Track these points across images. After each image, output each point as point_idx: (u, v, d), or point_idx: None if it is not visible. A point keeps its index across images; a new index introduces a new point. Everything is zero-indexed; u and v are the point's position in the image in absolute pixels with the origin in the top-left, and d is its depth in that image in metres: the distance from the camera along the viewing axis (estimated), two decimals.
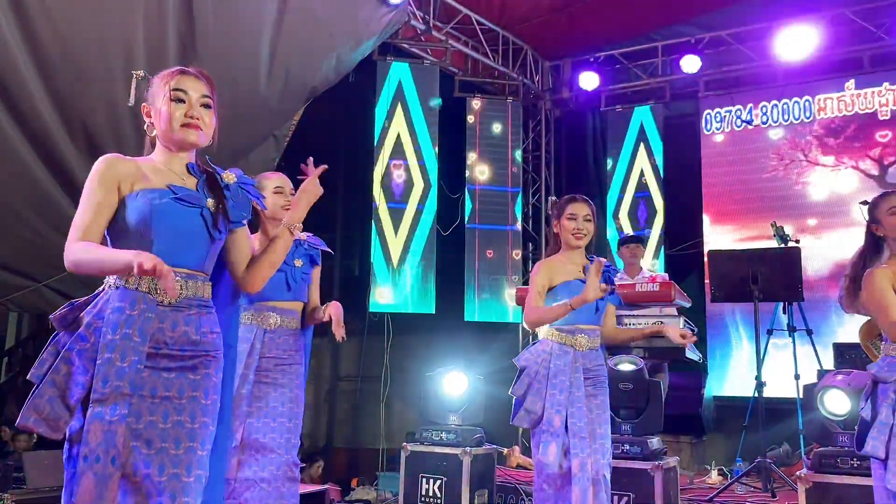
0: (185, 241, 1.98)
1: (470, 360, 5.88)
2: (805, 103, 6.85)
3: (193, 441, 1.91)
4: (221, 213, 2.03)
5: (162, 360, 1.92)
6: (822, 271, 6.50)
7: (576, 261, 3.24)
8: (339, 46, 5.85)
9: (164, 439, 1.87)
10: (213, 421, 1.97)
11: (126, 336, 1.87)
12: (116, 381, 1.83)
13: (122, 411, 1.82)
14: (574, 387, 3.11)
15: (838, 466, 3.63)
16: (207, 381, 1.98)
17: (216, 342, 2.02)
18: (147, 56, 4.75)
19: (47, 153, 4.75)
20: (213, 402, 1.98)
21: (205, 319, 2.00)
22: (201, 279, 2.01)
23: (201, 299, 2.01)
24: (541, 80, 8.01)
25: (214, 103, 2.07)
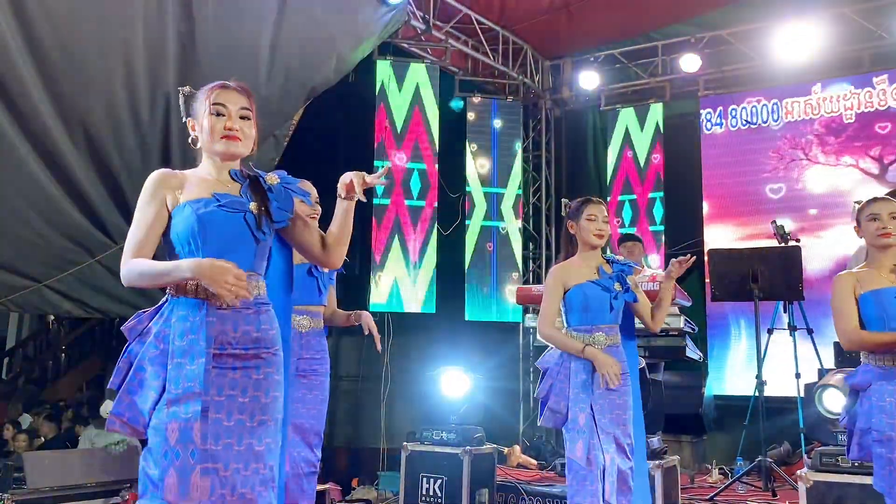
0: (232, 245, 2.09)
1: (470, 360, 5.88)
2: (805, 102, 6.84)
3: (252, 437, 2.03)
4: (264, 214, 2.14)
5: (227, 360, 2.05)
6: (823, 270, 6.50)
7: (591, 262, 3.29)
8: (339, 46, 5.84)
9: (228, 436, 2.00)
10: (272, 417, 2.08)
11: (192, 341, 2.03)
12: (187, 383, 2.00)
13: (195, 409, 1.98)
14: (595, 385, 3.15)
15: (839, 465, 3.63)
16: (269, 379, 2.10)
17: (275, 338, 2.14)
18: (147, 57, 4.75)
19: (47, 153, 4.75)
20: (274, 399, 2.10)
21: (263, 317, 2.13)
22: (254, 279, 2.13)
23: (257, 298, 2.13)
24: (541, 79, 8.01)
25: (254, 114, 2.20)
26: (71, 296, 5.84)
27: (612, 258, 3.38)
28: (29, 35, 4.26)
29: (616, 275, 3.27)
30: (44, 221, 5.09)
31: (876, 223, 2.83)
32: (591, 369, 3.17)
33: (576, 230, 3.31)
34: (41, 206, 4.98)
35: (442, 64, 7.02)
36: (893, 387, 2.63)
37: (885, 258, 2.82)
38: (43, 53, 4.37)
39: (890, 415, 2.60)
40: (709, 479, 5.30)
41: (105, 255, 5.58)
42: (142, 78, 4.80)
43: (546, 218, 7.90)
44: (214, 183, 2.15)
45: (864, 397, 2.72)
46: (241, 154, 2.19)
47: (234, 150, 2.16)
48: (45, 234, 5.16)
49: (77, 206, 5.12)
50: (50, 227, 5.16)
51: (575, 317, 3.26)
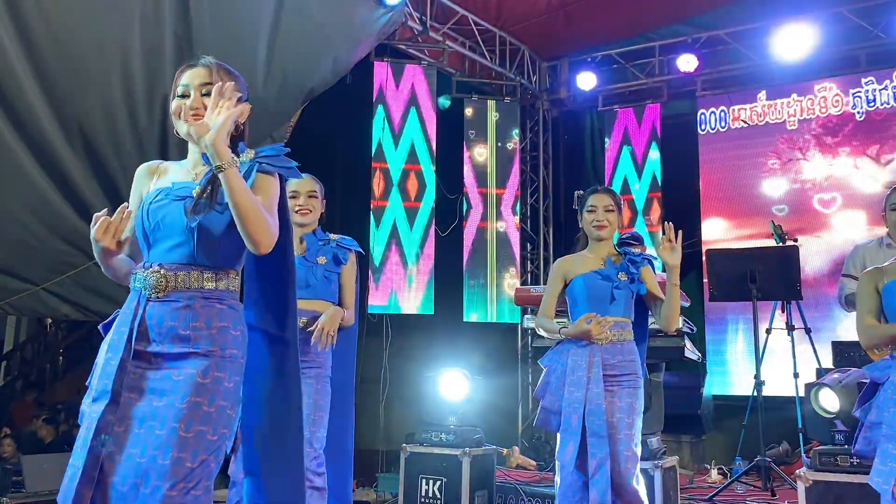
0: (169, 235, 1.91)
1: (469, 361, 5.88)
2: (802, 102, 6.85)
3: (156, 449, 1.75)
4: (207, 196, 1.90)
5: (153, 359, 1.85)
6: (821, 270, 6.51)
7: (600, 253, 3.19)
8: (336, 47, 5.84)
9: (134, 445, 1.77)
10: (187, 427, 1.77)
11: (121, 334, 1.87)
12: (105, 379, 1.83)
13: (100, 408, 1.79)
14: (592, 383, 3.00)
15: (838, 465, 3.63)
16: (188, 382, 1.81)
17: (213, 338, 1.86)
18: (143, 58, 4.75)
19: (44, 155, 4.75)
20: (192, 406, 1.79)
21: (198, 313, 1.87)
22: (197, 270, 1.90)
23: (196, 290, 1.88)
24: (538, 80, 8.01)
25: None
26: (69, 299, 5.83)
27: (627, 250, 3.23)
28: (26, 37, 4.26)
29: (623, 264, 3.12)
30: (41, 224, 5.08)
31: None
32: (587, 366, 3.02)
33: (581, 222, 3.23)
34: (38, 208, 4.97)
35: (439, 65, 7.02)
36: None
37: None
38: (40, 56, 4.37)
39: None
40: (708, 479, 5.30)
41: None
42: (139, 80, 4.80)
43: (544, 219, 7.90)
44: (186, 171, 2.02)
45: (881, 390, 2.61)
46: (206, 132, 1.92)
47: (199, 130, 1.89)
48: (43, 236, 5.15)
49: (74, 208, 5.12)
50: (47, 230, 5.15)
51: (577, 310, 3.14)
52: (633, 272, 3.13)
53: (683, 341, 4.84)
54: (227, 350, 1.88)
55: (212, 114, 1.86)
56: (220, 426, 1.81)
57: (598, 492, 2.90)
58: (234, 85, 1.95)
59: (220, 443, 1.82)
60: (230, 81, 1.96)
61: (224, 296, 1.92)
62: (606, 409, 3.00)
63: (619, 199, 3.27)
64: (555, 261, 3.38)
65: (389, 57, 6.80)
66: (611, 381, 3.05)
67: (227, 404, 1.84)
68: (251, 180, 1.93)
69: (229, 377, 1.86)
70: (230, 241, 1.92)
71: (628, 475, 2.95)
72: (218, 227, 1.90)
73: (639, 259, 3.18)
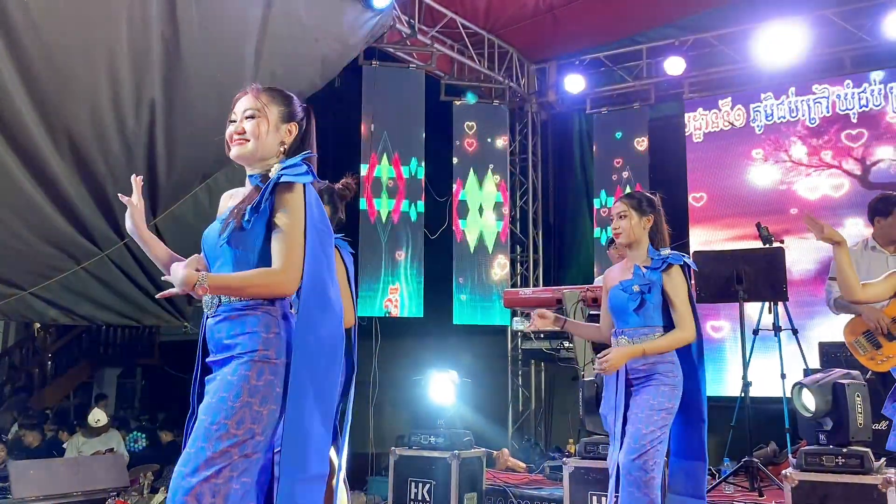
0: (212, 257, 2.11)
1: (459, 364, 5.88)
2: (788, 104, 6.90)
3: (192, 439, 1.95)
4: (234, 218, 2.04)
5: (209, 369, 2.07)
6: (807, 271, 6.55)
7: (632, 260, 3.22)
8: (324, 51, 5.85)
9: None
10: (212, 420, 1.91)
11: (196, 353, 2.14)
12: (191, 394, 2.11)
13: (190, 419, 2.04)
14: (619, 389, 3.11)
15: (823, 465, 3.66)
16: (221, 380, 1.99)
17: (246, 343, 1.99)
18: (131, 62, 4.74)
19: (31, 160, 4.73)
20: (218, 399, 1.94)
21: (235, 322, 2.02)
22: None
23: (230, 303, 2.02)
24: (526, 82, 8.03)
25: (267, 112, 2.12)
26: (57, 303, 5.81)
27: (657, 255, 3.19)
28: (12, 42, 4.25)
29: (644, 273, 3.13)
30: (28, 229, 5.06)
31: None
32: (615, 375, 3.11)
33: None
34: (25, 213, 4.95)
35: (428, 68, 7.04)
36: None
37: None
38: (26, 61, 4.35)
39: None
40: None
41: (91, 263, 5.56)
42: (126, 84, 4.79)
43: (533, 221, 7.92)
44: (241, 195, 2.16)
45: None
46: (248, 155, 2.11)
47: (240, 153, 2.11)
48: (30, 241, 5.13)
49: (62, 213, 5.10)
50: (35, 235, 5.14)
51: (613, 319, 3.24)
52: (648, 281, 3.11)
53: None
54: (258, 352, 1.98)
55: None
56: (246, 421, 1.91)
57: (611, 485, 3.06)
58: None
59: (247, 437, 1.90)
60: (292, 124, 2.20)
61: (257, 304, 2.02)
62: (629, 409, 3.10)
63: (639, 200, 3.25)
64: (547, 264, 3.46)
65: (378, 60, 6.81)
66: (633, 384, 3.13)
67: (254, 401, 1.93)
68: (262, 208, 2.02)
69: (258, 376, 1.96)
70: (255, 256, 2.04)
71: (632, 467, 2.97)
72: (246, 244, 2.03)
73: (660, 264, 3.14)
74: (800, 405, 3.87)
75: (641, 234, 3.21)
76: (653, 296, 3.11)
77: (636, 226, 3.19)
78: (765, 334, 5.33)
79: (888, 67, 6.54)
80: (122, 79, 4.76)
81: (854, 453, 3.55)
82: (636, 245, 3.21)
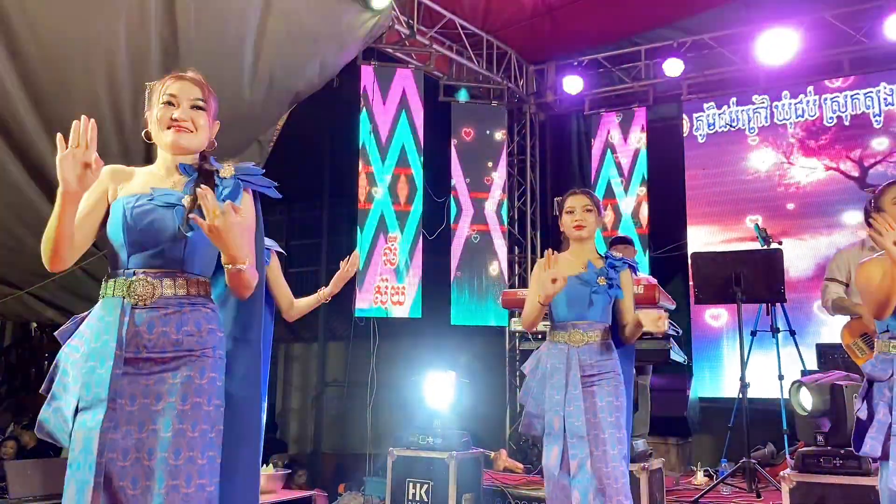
0: (156, 241, 1.97)
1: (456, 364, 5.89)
2: (786, 106, 6.91)
3: (164, 451, 1.82)
4: (198, 207, 1.93)
5: (143, 365, 1.90)
6: (805, 273, 6.56)
7: (582, 256, 3.20)
8: (323, 51, 5.84)
9: (138, 449, 1.84)
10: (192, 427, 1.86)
11: (105, 342, 1.90)
12: (96, 388, 1.86)
13: (99, 417, 1.83)
14: (570, 385, 3.02)
15: (821, 466, 3.67)
16: (189, 384, 1.89)
17: (203, 341, 1.95)
18: (129, 62, 4.73)
19: (28, 159, 4.73)
20: (194, 407, 1.88)
21: (187, 317, 1.94)
22: (183, 277, 1.98)
23: (183, 297, 1.96)
24: (525, 83, 8.04)
25: (209, 106, 2.10)
26: (53, 303, 5.80)
27: (608, 254, 3.27)
28: (10, 40, 4.24)
29: (603, 269, 3.15)
30: (25, 227, 5.05)
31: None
32: (566, 368, 3.05)
33: (562, 225, 3.26)
34: (22, 211, 4.94)
35: (426, 69, 7.04)
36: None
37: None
38: (24, 59, 4.35)
39: None
40: (694, 480, 5.33)
41: (88, 262, 5.54)
42: (125, 83, 4.78)
43: (531, 222, 7.93)
44: (160, 178, 2.07)
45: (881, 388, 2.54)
46: (191, 147, 2.06)
47: (181, 142, 2.04)
48: (27, 240, 5.12)
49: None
50: (31, 234, 5.12)
51: (556, 311, 3.18)
52: (613, 277, 3.16)
53: (669, 344, 4.87)
54: (217, 351, 1.98)
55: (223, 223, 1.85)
56: (217, 423, 1.92)
57: (580, 492, 2.92)
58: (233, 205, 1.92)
59: (218, 439, 1.92)
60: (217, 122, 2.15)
61: (206, 300, 2.02)
62: (587, 409, 3.02)
63: (598, 200, 3.30)
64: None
65: (377, 60, 6.80)
66: (589, 381, 3.06)
67: (220, 402, 1.95)
68: (239, 199, 2.02)
69: (220, 376, 1.97)
70: (212, 252, 2.02)
71: (616, 473, 2.94)
72: (203, 239, 1.95)
73: (619, 263, 3.20)
74: (796, 403, 3.89)
75: (595, 232, 3.26)
76: (616, 293, 3.17)
77: (596, 222, 3.24)
78: (762, 335, 5.34)
79: (886, 70, 6.56)
80: (120, 78, 4.75)
81: (852, 455, 3.55)
82: (588, 242, 3.24)
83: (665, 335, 4.84)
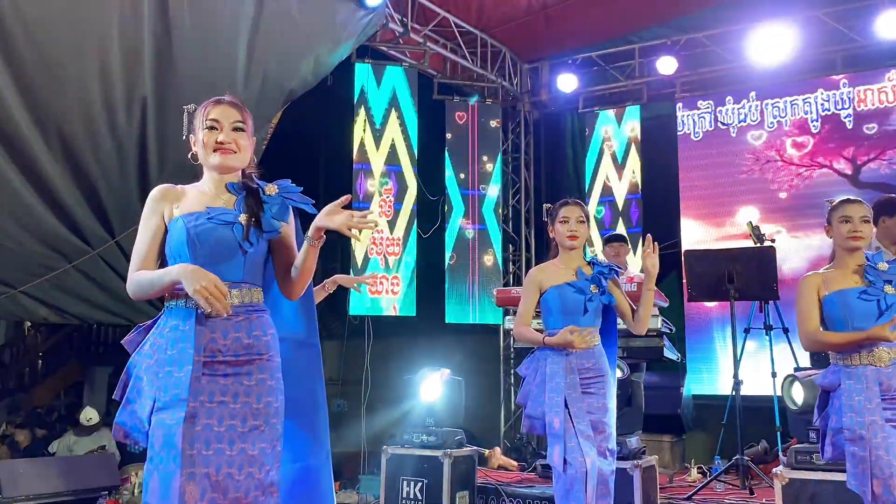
0: (220, 257, 2.16)
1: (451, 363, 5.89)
2: (779, 104, 6.93)
3: (245, 442, 2.08)
4: (254, 225, 2.18)
5: (219, 367, 2.11)
6: (798, 270, 6.57)
7: (571, 264, 3.30)
8: (316, 49, 5.84)
9: (219, 441, 2.06)
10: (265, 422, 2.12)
11: (182, 349, 2.09)
12: (174, 390, 2.05)
13: (179, 415, 2.03)
14: (570, 388, 3.13)
15: (814, 463, 3.68)
16: (262, 385, 2.14)
17: (269, 344, 2.19)
18: (122, 61, 4.72)
19: (21, 158, 4.71)
20: (267, 405, 2.14)
21: (255, 323, 2.17)
22: (246, 287, 2.19)
23: (249, 305, 2.18)
24: (519, 82, 8.04)
25: (248, 126, 2.28)
26: (47, 302, 5.78)
27: (594, 259, 3.38)
28: (3, 40, 4.22)
29: (594, 277, 3.26)
30: (19, 227, 5.04)
31: (847, 225, 2.86)
32: (565, 372, 3.15)
33: (553, 233, 3.34)
34: (16, 211, 4.93)
35: (420, 67, 7.03)
36: (861, 385, 2.67)
37: (851, 260, 2.87)
38: (17, 58, 4.33)
39: (859, 413, 2.64)
40: (687, 478, 5.34)
41: (82, 261, 5.54)
42: (118, 82, 4.77)
43: (525, 220, 7.93)
44: (211, 197, 2.24)
45: (833, 397, 2.77)
46: (236, 166, 2.26)
47: (228, 163, 2.23)
48: (21, 239, 5.11)
49: (53, 211, 5.08)
50: (25, 233, 5.11)
51: (551, 319, 3.27)
52: (604, 284, 3.26)
53: (662, 341, 4.89)
54: (277, 353, 2.21)
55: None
56: (281, 418, 2.18)
57: (592, 487, 3.02)
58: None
59: (283, 430, 2.19)
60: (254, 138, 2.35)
61: (264, 308, 2.25)
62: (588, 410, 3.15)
63: (587, 211, 3.42)
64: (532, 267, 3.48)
65: (370, 58, 6.80)
66: (586, 383, 3.18)
67: (283, 398, 2.20)
68: (288, 216, 2.27)
69: (282, 377, 2.22)
70: (263, 262, 2.27)
71: (612, 468, 3.12)
72: (260, 251, 2.22)
73: (607, 270, 3.31)
74: (788, 397, 3.92)
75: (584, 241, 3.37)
76: (609, 299, 3.28)
77: (586, 232, 3.35)
78: (756, 333, 5.36)
79: (879, 67, 6.58)
80: (113, 77, 4.74)
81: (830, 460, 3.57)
82: (578, 250, 3.35)
83: (659, 332, 4.87)
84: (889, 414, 2.64)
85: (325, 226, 2.15)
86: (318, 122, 7.32)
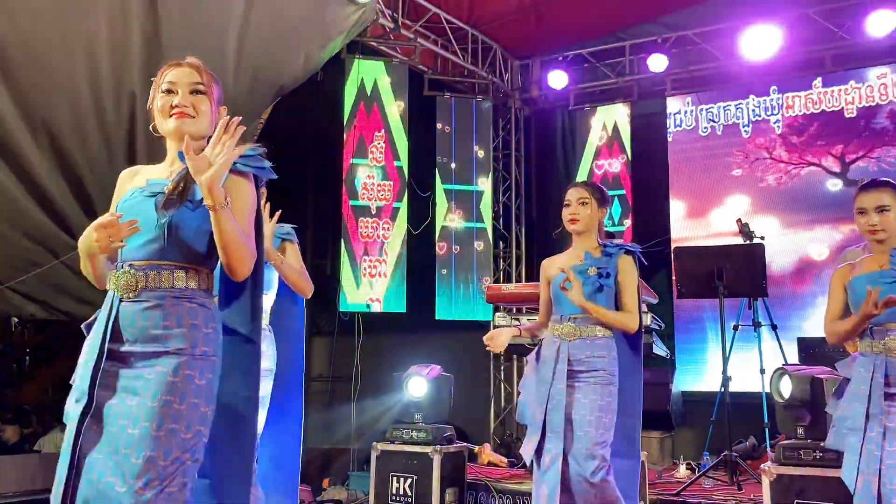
0: (141, 232, 1.89)
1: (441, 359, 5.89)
2: (769, 102, 6.95)
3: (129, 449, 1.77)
4: (178, 193, 1.90)
5: (127, 359, 1.86)
6: (787, 267, 6.61)
7: (580, 248, 3.16)
8: (306, 44, 5.81)
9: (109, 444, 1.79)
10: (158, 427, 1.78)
11: (97, 336, 1.90)
12: (83, 381, 1.86)
13: (80, 408, 1.83)
14: (556, 378, 2.99)
15: (801, 459, 3.70)
16: (160, 380, 1.81)
17: (184, 337, 1.86)
18: (111, 54, 4.69)
19: (9, 153, 4.67)
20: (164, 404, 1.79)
21: (169, 311, 1.87)
22: (167, 269, 1.89)
23: (166, 290, 1.88)
24: (510, 78, 8.04)
25: (211, 90, 2.05)
26: (35, 297, 5.75)
27: (607, 242, 3.19)
28: None
29: (599, 259, 3.08)
30: (6, 222, 5.00)
31: (863, 218, 2.68)
32: (554, 361, 3.02)
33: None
34: (3, 206, 4.89)
35: (411, 63, 7.02)
36: (868, 374, 2.56)
37: (879, 248, 2.66)
38: (4, 52, 4.30)
39: (862, 403, 2.55)
40: (676, 474, 5.36)
41: (70, 256, 5.50)
42: (106, 76, 4.73)
43: (516, 216, 7.93)
44: (162, 170, 2.03)
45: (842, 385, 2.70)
46: (192, 132, 1.96)
47: (184, 128, 1.96)
48: (8, 234, 5.07)
49: (40, 206, 5.04)
50: (12, 228, 5.08)
51: (556, 306, 3.15)
52: (604, 266, 3.09)
53: (651, 337, 4.90)
54: (198, 348, 1.87)
55: (213, 149, 1.86)
56: (193, 423, 1.82)
57: (549, 487, 2.90)
58: (237, 121, 1.89)
59: (196, 440, 1.83)
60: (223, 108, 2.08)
61: (195, 294, 1.92)
62: (568, 405, 2.98)
63: (599, 191, 3.21)
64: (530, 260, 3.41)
65: (361, 54, 6.78)
66: (575, 376, 3.03)
67: (199, 401, 1.84)
68: (223, 181, 1.88)
69: (200, 375, 1.86)
70: (203, 239, 1.92)
71: (587, 472, 2.89)
72: (190, 224, 1.90)
73: (614, 250, 3.13)
74: (776, 390, 3.94)
75: (595, 223, 3.16)
76: (610, 281, 3.07)
77: (594, 214, 3.14)
78: (744, 329, 5.38)
79: (868, 66, 6.61)
80: (101, 71, 4.71)
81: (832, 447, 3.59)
82: (587, 235, 3.16)
83: (647, 329, 4.88)
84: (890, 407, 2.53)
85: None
86: (308, 117, 7.29)
